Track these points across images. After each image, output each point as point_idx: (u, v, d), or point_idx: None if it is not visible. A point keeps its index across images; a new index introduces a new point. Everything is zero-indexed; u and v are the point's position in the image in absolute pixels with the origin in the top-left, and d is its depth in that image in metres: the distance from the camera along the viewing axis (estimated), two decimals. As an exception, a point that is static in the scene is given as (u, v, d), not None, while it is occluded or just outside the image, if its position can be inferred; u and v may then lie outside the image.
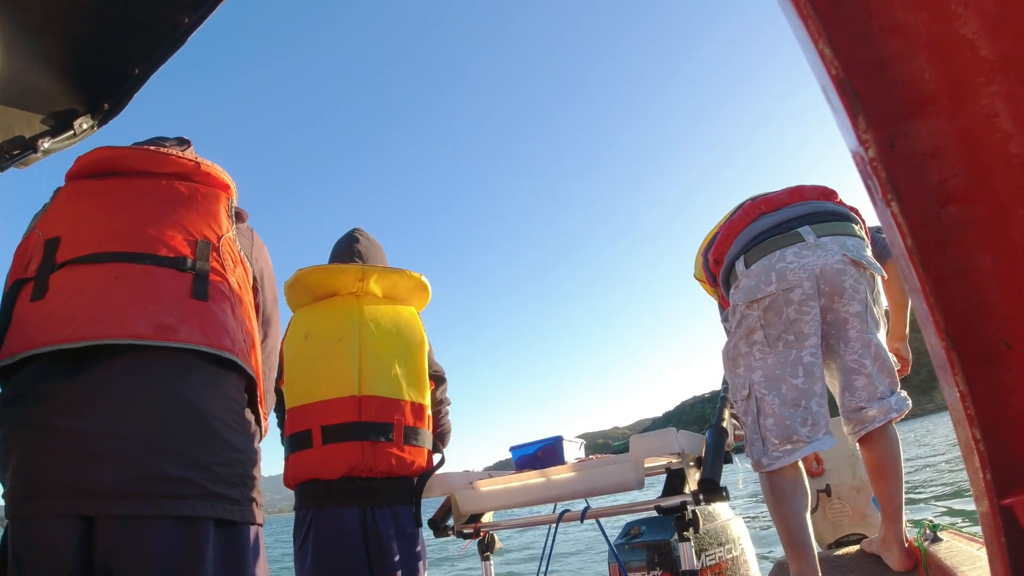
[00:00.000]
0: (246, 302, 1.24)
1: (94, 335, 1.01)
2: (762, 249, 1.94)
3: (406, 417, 1.83)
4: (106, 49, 1.53)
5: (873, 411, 1.88)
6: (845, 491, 2.64)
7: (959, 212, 0.44)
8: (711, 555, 1.80)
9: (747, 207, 2.10)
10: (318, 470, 1.78)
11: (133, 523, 0.94)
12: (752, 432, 1.91)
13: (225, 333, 1.11)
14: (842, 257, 1.86)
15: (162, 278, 1.10)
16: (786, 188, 2.13)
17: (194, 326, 1.07)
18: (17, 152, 1.61)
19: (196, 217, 1.23)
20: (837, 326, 1.91)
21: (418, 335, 1.99)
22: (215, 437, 1.04)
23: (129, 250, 1.12)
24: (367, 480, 1.76)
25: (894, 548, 1.98)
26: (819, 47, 0.45)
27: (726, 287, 2.10)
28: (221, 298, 1.14)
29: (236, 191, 1.39)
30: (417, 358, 1.95)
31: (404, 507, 1.82)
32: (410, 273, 2.04)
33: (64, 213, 1.22)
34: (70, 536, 0.94)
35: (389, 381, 1.84)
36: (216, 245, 1.20)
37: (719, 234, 2.16)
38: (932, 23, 0.42)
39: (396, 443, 1.79)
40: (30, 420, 0.98)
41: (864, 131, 0.45)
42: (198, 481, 0.99)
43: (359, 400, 1.78)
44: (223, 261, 1.20)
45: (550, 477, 1.73)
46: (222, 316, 1.12)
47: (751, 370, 1.93)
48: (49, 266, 1.11)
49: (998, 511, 0.45)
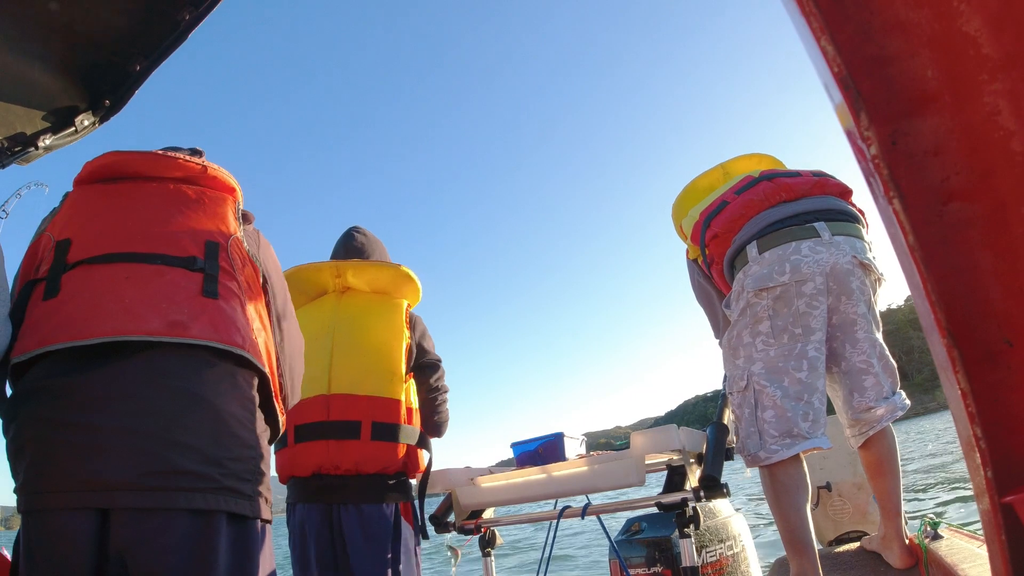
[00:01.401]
0: (257, 301, 1.25)
1: (107, 332, 1.02)
2: (778, 238, 1.90)
3: (376, 414, 1.83)
4: (107, 46, 1.53)
5: (881, 410, 1.86)
6: (846, 488, 2.63)
7: (961, 210, 0.44)
8: (712, 552, 1.80)
9: (767, 189, 2.01)
10: (292, 468, 1.85)
11: (147, 516, 0.96)
12: (748, 425, 1.87)
13: (236, 330, 1.12)
14: (852, 258, 1.84)
15: (173, 277, 1.12)
16: (809, 175, 2.05)
17: (205, 323, 1.08)
18: (19, 148, 1.61)
19: (204, 219, 1.24)
20: (844, 328, 1.89)
21: (394, 327, 1.95)
22: (228, 432, 1.05)
23: (140, 250, 1.14)
24: (334, 478, 1.79)
25: (894, 545, 1.98)
26: (821, 44, 0.44)
27: (730, 269, 2.05)
28: (231, 296, 1.16)
29: (242, 194, 1.40)
30: (391, 352, 1.91)
31: (372, 505, 1.79)
32: (386, 265, 2.02)
33: (74, 216, 1.23)
34: (86, 529, 0.95)
35: (358, 378, 1.84)
36: (225, 245, 1.21)
37: (729, 205, 2.07)
38: (934, 20, 0.42)
39: (364, 440, 1.80)
40: (45, 415, 0.99)
41: (866, 128, 0.44)
42: (211, 475, 1.00)
43: (328, 399, 1.83)
44: (232, 261, 1.21)
45: (551, 473, 1.73)
46: (232, 313, 1.13)
47: (751, 361, 1.90)
48: (61, 267, 1.12)
49: (999, 508, 0.45)
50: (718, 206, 2.12)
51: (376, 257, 2.14)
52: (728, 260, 2.05)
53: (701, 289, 2.35)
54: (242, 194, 1.42)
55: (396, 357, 1.91)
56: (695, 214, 2.25)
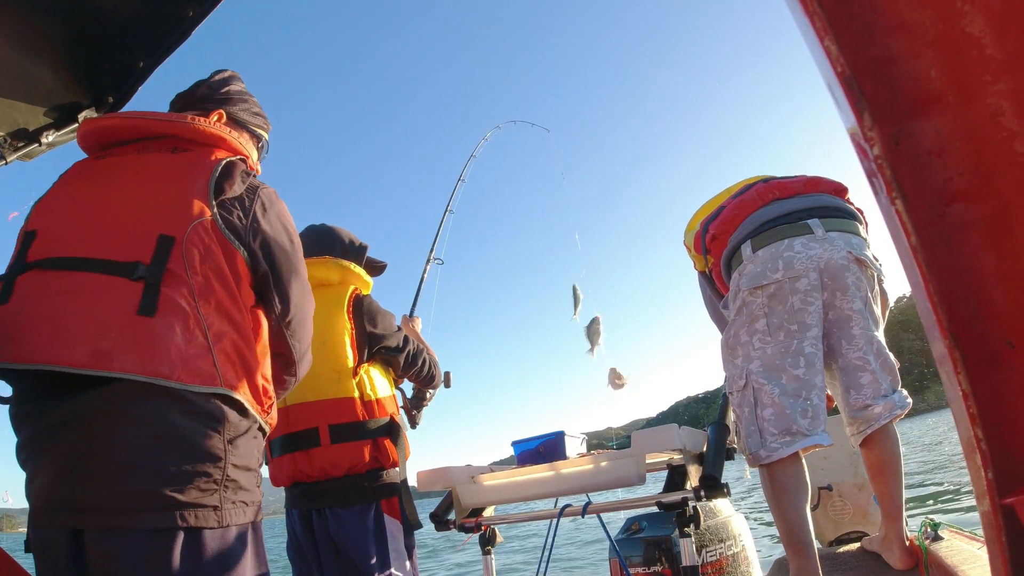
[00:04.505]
0: (223, 295, 1.14)
1: (36, 359, 1.00)
2: (771, 236, 1.92)
3: (330, 416, 1.82)
4: (110, 42, 1.53)
5: (879, 408, 1.86)
6: (846, 489, 2.63)
7: (963, 210, 0.44)
8: (712, 551, 1.80)
9: (760, 189, 2.05)
10: (275, 480, 1.92)
11: (111, 536, 0.99)
12: (748, 424, 1.87)
13: (164, 357, 1.03)
14: (847, 254, 1.85)
15: (110, 291, 1.05)
16: (802, 176, 2.09)
17: (131, 351, 1.02)
18: (21, 144, 1.61)
19: (166, 201, 1.14)
20: (839, 324, 1.89)
21: (332, 324, 1.89)
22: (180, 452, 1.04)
23: (88, 255, 1.08)
24: (309, 484, 1.84)
25: (895, 546, 1.98)
26: (825, 44, 0.44)
27: (727, 269, 2.07)
28: (172, 310, 1.06)
29: (239, 141, 1.31)
30: (333, 350, 1.87)
31: (348, 508, 1.80)
32: (316, 262, 1.97)
33: (49, 201, 1.19)
34: (64, 547, 1.00)
35: (307, 385, 1.79)
36: (181, 238, 1.09)
37: (725, 208, 2.10)
38: (938, 21, 0.42)
39: (324, 446, 1.81)
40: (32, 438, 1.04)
41: (869, 128, 0.44)
42: (167, 494, 1.01)
43: (286, 411, 1.84)
44: (188, 258, 1.09)
45: (552, 472, 1.74)
46: (167, 333, 1.04)
47: (749, 360, 1.91)
48: (19, 267, 1.09)
49: (999, 510, 0.45)
50: (716, 211, 2.15)
51: (323, 250, 2.06)
52: (725, 260, 2.06)
53: (711, 304, 2.36)
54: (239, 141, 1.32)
55: (340, 353, 1.87)
56: (697, 225, 2.27)
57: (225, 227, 1.16)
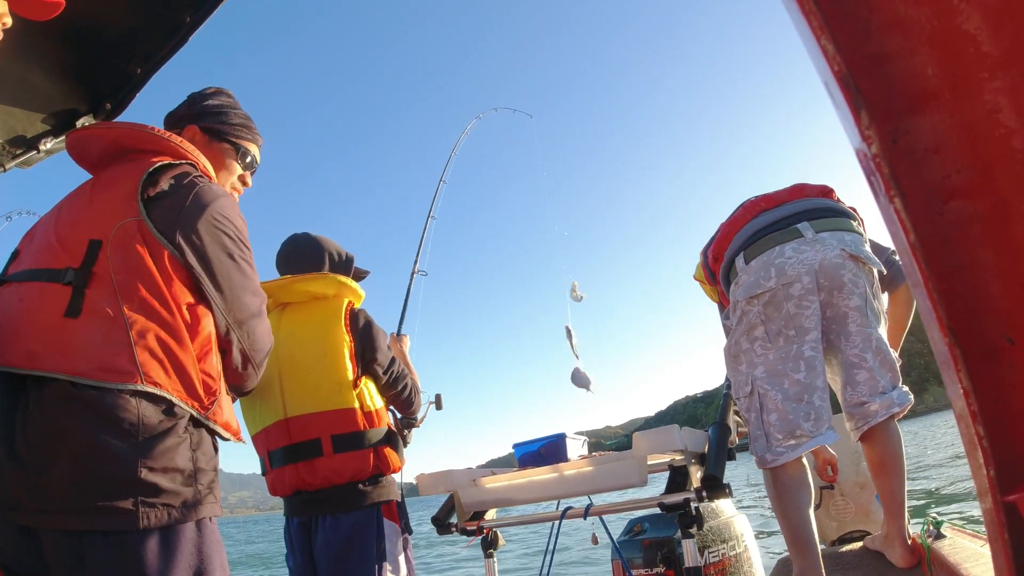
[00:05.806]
0: (148, 292, 1.15)
1: None
2: (761, 245, 1.96)
3: (333, 427, 1.86)
4: (108, 48, 1.54)
5: (875, 405, 1.87)
6: (848, 488, 2.63)
7: (962, 208, 0.44)
8: (714, 552, 1.80)
9: (748, 204, 2.11)
10: (274, 491, 1.95)
11: (45, 535, 1.04)
12: (756, 428, 1.91)
13: (82, 354, 1.07)
14: (840, 252, 1.86)
15: (43, 296, 1.12)
16: (788, 186, 2.14)
17: (58, 350, 1.08)
18: (19, 151, 1.61)
19: (100, 208, 1.20)
20: (837, 321, 1.91)
21: (332, 336, 1.93)
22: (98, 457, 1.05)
23: (36, 267, 1.16)
24: (311, 493, 1.87)
25: (897, 545, 1.98)
26: (821, 42, 0.45)
27: (726, 284, 2.11)
28: (95, 311, 1.10)
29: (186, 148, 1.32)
30: (335, 362, 1.90)
31: (348, 514, 1.84)
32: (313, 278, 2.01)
33: (37, 223, 1.29)
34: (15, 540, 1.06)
35: (309, 397, 1.88)
36: (106, 241, 1.14)
37: (718, 231, 2.18)
38: (934, 18, 0.42)
39: (327, 455, 1.85)
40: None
41: (867, 127, 0.44)
42: (73, 496, 1.04)
43: (287, 423, 1.88)
44: (111, 259, 1.13)
45: (553, 474, 1.73)
46: (90, 334, 1.09)
47: (753, 366, 1.93)
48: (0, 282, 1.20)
49: (1001, 507, 0.44)
50: (711, 237, 2.23)
51: (308, 262, 2.08)
52: (723, 276, 2.13)
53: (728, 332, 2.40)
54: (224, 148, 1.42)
55: (341, 365, 1.91)
56: (699, 256, 2.34)
57: (153, 226, 1.18)
